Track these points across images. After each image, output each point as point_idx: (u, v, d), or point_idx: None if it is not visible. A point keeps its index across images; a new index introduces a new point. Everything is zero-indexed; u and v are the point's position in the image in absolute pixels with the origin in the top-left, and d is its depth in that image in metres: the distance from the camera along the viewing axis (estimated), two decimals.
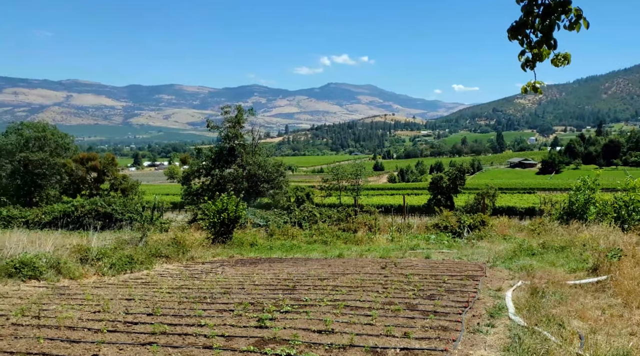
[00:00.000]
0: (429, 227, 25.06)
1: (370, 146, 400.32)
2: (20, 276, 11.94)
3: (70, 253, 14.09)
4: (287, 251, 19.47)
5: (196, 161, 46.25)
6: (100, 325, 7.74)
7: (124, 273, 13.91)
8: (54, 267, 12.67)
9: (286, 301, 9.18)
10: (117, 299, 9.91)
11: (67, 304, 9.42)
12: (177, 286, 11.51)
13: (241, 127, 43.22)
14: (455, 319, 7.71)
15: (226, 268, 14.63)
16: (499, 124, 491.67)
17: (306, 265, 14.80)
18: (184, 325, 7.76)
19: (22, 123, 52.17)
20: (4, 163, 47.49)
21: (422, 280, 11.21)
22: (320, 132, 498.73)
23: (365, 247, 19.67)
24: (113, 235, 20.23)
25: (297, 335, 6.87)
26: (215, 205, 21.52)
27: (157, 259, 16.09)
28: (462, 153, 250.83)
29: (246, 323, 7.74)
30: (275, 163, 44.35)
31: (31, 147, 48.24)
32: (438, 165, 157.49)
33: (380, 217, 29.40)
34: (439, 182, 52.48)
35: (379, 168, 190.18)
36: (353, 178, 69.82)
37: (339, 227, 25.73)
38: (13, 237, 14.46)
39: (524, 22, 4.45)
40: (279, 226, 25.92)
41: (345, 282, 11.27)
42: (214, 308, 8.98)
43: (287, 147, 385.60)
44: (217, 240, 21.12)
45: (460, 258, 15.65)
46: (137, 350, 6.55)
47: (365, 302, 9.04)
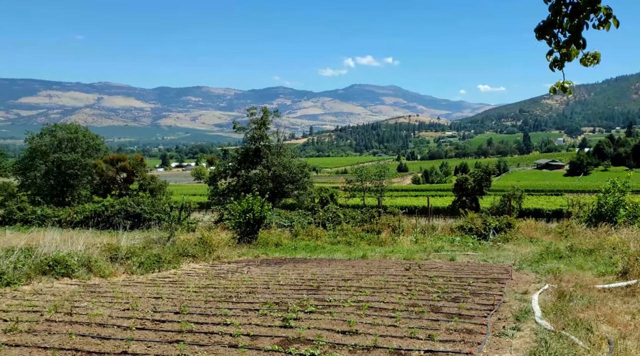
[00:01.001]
0: (454, 229, 24.83)
1: (394, 147, 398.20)
2: (53, 273, 12.30)
3: (101, 252, 14.44)
4: (311, 251, 19.55)
5: (222, 162, 46.82)
6: (129, 322, 7.92)
7: (152, 272, 14.17)
8: (85, 265, 13.01)
9: (310, 302, 9.25)
10: (145, 297, 10.11)
11: (98, 301, 9.65)
12: (203, 285, 11.69)
13: (266, 128, 43.59)
14: (480, 322, 7.67)
15: (251, 268, 14.79)
16: (526, 125, 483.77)
17: (330, 266, 14.85)
18: (210, 323, 7.88)
19: (55, 125, 53.51)
20: (39, 164, 48.76)
21: (447, 283, 11.15)
22: (344, 133, 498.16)
23: (389, 249, 19.62)
24: (142, 235, 20.59)
25: (321, 335, 6.92)
26: (240, 205, 21.76)
27: (184, 258, 16.34)
28: (488, 155, 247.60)
29: (271, 323, 7.83)
30: (299, 164, 44.55)
31: (64, 148, 49.43)
32: (463, 166, 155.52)
33: (404, 218, 29.23)
34: (463, 184, 51.86)
35: (402, 170, 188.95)
36: (377, 179, 69.54)
37: (362, 228, 25.70)
38: (47, 236, 14.88)
39: (551, 22, 4.42)
40: (303, 226, 26.02)
41: (369, 283, 11.28)
42: (239, 307, 9.09)
43: (312, 148, 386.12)
44: (243, 240, 21.34)
45: (486, 260, 15.51)
46: (164, 348, 6.67)
47: (389, 304, 9.04)
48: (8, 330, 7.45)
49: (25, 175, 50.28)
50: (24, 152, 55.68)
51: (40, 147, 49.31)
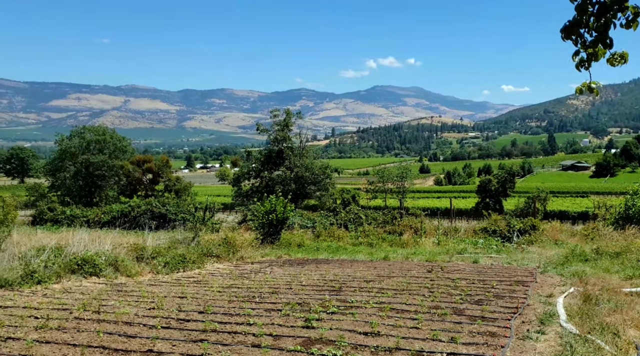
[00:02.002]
0: (477, 231, 24.61)
1: (416, 148, 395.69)
2: (82, 272, 12.60)
3: (127, 251, 14.73)
4: (333, 252, 19.60)
5: (246, 163, 47.31)
6: (154, 321, 8.05)
7: (177, 272, 14.40)
8: (112, 265, 13.29)
9: (332, 302, 9.28)
10: (170, 297, 10.27)
11: (124, 300, 9.85)
12: (227, 285, 11.82)
13: (289, 130, 43.92)
14: (504, 325, 7.60)
15: (274, 268, 14.89)
16: (551, 126, 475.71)
17: (352, 267, 14.87)
18: (233, 323, 7.97)
19: (84, 127, 54.65)
20: (68, 165, 49.82)
21: (470, 285, 11.07)
22: (366, 135, 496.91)
23: (411, 250, 19.54)
24: (167, 235, 20.91)
25: (343, 336, 6.94)
26: (264, 206, 21.95)
27: (209, 258, 16.55)
28: (512, 156, 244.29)
29: (293, 323, 7.87)
30: (321, 165, 44.73)
31: (92, 149, 50.44)
32: (486, 167, 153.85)
33: (426, 220, 29.08)
34: (487, 185, 51.28)
35: (425, 171, 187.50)
36: (398, 180, 69.17)
37: (384, 229, 25.64)
38: (76, 236, 15.23)
39: (577, 21, 4.37)
40: (325, 227, 26.09)
41: (391, 285, 11.27)
42: (262, 307, 9.17)
43: (334, 150, 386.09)
44: (266, 241, 21.52)
45: (510, 263, 15.35)
46: (189, 347, 6.75)
47: (411, 306, 9.02)
48: (39, 327, 7.65)
49: (55, 176, 51.41)
50: (54, 154, 56.99)
51: (69, 148, 50.40)
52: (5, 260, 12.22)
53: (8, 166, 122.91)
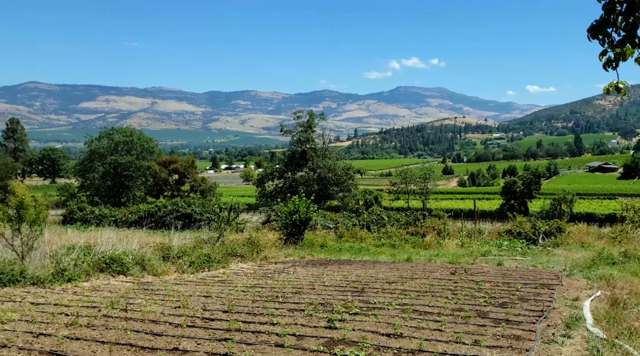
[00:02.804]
0: (502, 233, 24.37)
1: (439, 149, 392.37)
2: (110, 271, 12.88)
3: (154, 251, 15.00)
4: (355, 253, 19.61)
5: (270, 164, 47.80)
6: (180, 319, 8.17)
7: (202, 271, 14.60)
8: (139, 264, 13.56)
9: (355, 303, 9.31)
10: (195, 296, 10.41)
11: (151, 299, 10.03)
12: (251, 285, 11.94)
13: (312, 131, 44.14)
14: (528, 328, 7.53)
15: (297, 269, 14.98)
16: (577, 126, 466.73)
17: (374, 268, 14.87)
18: (257, 322, 8.04)
19: (112, 129, 55.69)
20: (97, 166, 50.80)
21: (494, 287, 10.98)
22: (389, 136, 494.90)
23: (434, 252, 19.45)
24: (192, 235, 21.21)
25: (365, 337, 6.94)
26: (287, 207, 22.10)
27: (233, 258, 16.74)
28: (537, 157, 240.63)
29: (316, 323, 7.91)
30: (344, 166, 44.82)
31: (120, 150, 51.32)
32: (511, 168, 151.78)
33: (450, 221, 28.89)
34: (512, 187, 50.67)
35: (448, 172, 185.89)
36: (421, 182, 68.87)
37: (407, 230, 25.57)
38: (104, 235, 15.60)
39: (605, 21, 4.32)
40: (347, 228, 26.12)
41: (414, 287, 11.24)
42: (285, 307, 9.24)
43: (356, 151, 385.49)
44: (289, 241, 21.66)
45: (535, 265, 15.16)
46: (213, 345, 6.84)
47: (434, 307, 8.99)
48: (70, 324, 7.85)
49: (84, 176, 52.46)
50: (83, 155, 58.24)
51: (98, 149, 51.40)
52: (37, 258, 12.57)
53: (40, 167, 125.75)
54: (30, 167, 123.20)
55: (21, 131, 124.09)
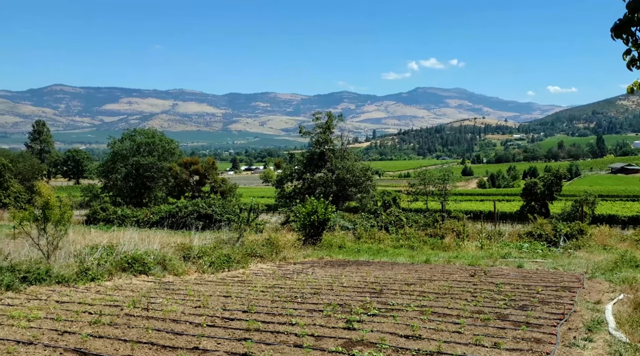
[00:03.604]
0: (522, 235, 24.15)
1: (458, 150, 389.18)
2: (132, 270, 13.09)
3: (175, 251, 15.19)
4: (374, 254, 19.60)
5: (289, 165, 47.99)
6: (200, 319, 8.28)
7: (222, 271, 14.74)
8: (160, 264, 13.75)
9: (373, 305, 9.33)
10: (215, 295, 10.53)
11: (172, 298, 10.17)
12: (270, 285, 12.03)
13: (331, 132, 44.27)
14: (549, 331, 7.47)
15: (316, 269, 15.04)
16: (599, 127, 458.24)
17: (393, 269, 14.85)
18: (276, 323, 8.12)
19: (134, 130, 56.37)
20: (119, 167, 51.51)
21: (514, 290, 10.90)
22: (407, 137, 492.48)
23: (453, 254, 19.34)
24: (212, 235, 21.40)
25: (384, 339, 6.96)
26: (305, 207, 22.19)
27: (252, 258, 16.87)
28: (559, 158, 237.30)
29: (335, 324, 7.95)
30: (362, 167, 44.82)
31: (142, 151, 51.94)
32: (532, 170, 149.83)
33: (469, 223, 28.67)
34: (532, 188, 50.05)
35: (467, 173, 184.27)
36: (440, 183, 68.33)
37: (425, 232, 25.46)
38: (126, 235, 15.85)
39: (629, 20, 4.29)
40: (366, 229, 26.10)
41: (433, 288, 11.22)
42: (304, 307, 9.30)
43: (374, 152, 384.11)
44: (308, 242, 21.74)
45: (556, 268, 15.00)
46: (233, 345, 6.92)
47: (453, 310, 8.97)
48: (93, 322, 8.02)
49: (107, 177, 53.21)
50: (106, 156, 59.06)
51: (121, 151, 52.10)
52: (62, 258, 12.83)
53: (65, 168, 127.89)
54: (55, 168, 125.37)
55: (47, 133, 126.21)
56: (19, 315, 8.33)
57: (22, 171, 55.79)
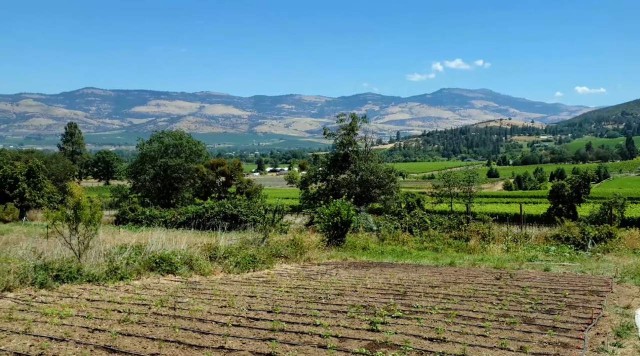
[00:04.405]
0: (549, 238, 23.79)
1: (484, 152, 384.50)
2: (159, 270, 13.35)
3: (201, 251, 15.43)
4: (397, 256, 19.55)
5: (313, 167, 48.11)
6: (226, 319, 8.40)
7: (247, 272, 14.91)
8: (187, 263, 13.98)
9: (397, 307, 9.32)
10: (241, 296, 10.66)
11: (198, 298, 10.33)
12: (294, 285, 12.12)
13: (355, 134, 44.24)
14: (577, 336, 7.37)
15: (340, 271, 15.08)
16: (629, 128, 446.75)
17: (417, 272, 14.80)
18: (300, 323, 8.18)
19: (162, 132, 57.30)
20: (148, 168, 52.40)
21: (540, 293, 10.77)
22: (432, 138, 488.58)
23: (478, 256, 19.16)
24: (238, 235, 21.65)
25: (408, 341, 6.95)
26: (329, 209, 22.26)
27: (277, 259, 17.01)
28: (587, 160, 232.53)
29: (358, 326, 7.97)
30: (386, 169, 44.66)
31: (170, 153, 52.75)
32: (559, 172, 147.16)
33: (495, 225, 28.35)
34: (560, 190, 49.17)
35: (493, 175, 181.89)
36: (465, 185, 67.49)
37: (450, 234, 25.27)
38: (154, 235, 16.16)
39: None
40: (389, 231, 26.04)
41: (457, 291, 11.15)
42: (328, 308, 9.35)
43: (398, 153, 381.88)
44: (332, 243, 21.82)
45: (584, 271, 14.75)
46: (258, 345, 6.99)
47: (478, 313, 8.91)
48: (122, 321, 8.21)
49: (136, 178, 54.17)
50: (135, 157, 60.01)
51: (149, 152, 53.01)
52: (92, 257, 13.17)
53: (95, 169, 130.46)
54: (86, 169, 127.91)
55: (78, 135, 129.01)
56: (52, 312, 8.59)
57: (55, 172, 57.18)
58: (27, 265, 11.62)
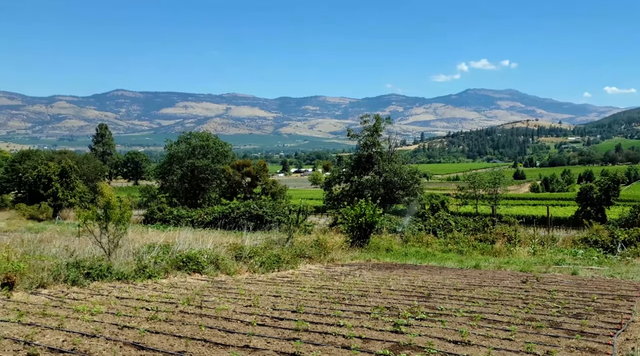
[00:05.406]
0: (577, 241, 23.40)
1: (510, 153, 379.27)
2: (186, 269, 13.59)
3: (227, 250, 15.63)
4: (421, 258, 19.47)
5: (337, 168, 48.21)
6: (251, 318, 8.48)
7: (272, 271, 15.07)
8: (213, 263, 14.20)
9: (421, 309, 9.30)
10: (265, 295, 10.77)
11: (224, 297, 10.48)
12: (318, 286, 12.19)
13: (379, 135, 44.15)
14: (605, 341, 7.25)
15: (363, 272, 15.10)
16: None
17: (441, 274, 14.73)
18: (324, 323, 8.21)
19: (190, 134, 58.14)
20: (176, 169, 53.26)
21: (568, 298, 10.62)
22: (457, 139, 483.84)
23: (503, 259, 18.96)
24: (263, 236, 21.88)
25: (432, 344, 6.91)
26: (353, 210, 22.31)
27: (301, 259, 17.14)
28: (616, 162, 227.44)
29: (382, 327, 7.97)
30: (410, 170, 44.42)
31: (197, 154, 53.52)
32: (587, 174, 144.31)
33: (521, 228, 27.97)
34: (588, 193, 48.22)
35: (519, 177, 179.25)
36: (491, 186, 66.72)
37: (475, 236, 25.04)
38: (181, 235, 16.45)
39: None
40: (413, 233, 25.95)
41: (482, 294, 11.06)
42: (351, 309, 9.38)
43: (422, 155, 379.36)
44: (355, 244, 21.85)
45: (613, 276, 14.47)
46: (282, 345, 7.04)
47: (503, 316, 8.83)
48: (150, 318, 8.37)
49: (164, 178, 55.11)
50: (163, 158, 61.12)
51: (177, 153, 53.88)
52: (121, 255, 13.48)
53: (125, 169, 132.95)
54: (116, 170, 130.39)
55: (109, 136, 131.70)
56: (83, 309, 8.82)
57: (86, 172, 58.48)
58: (60, 263, 11.95)
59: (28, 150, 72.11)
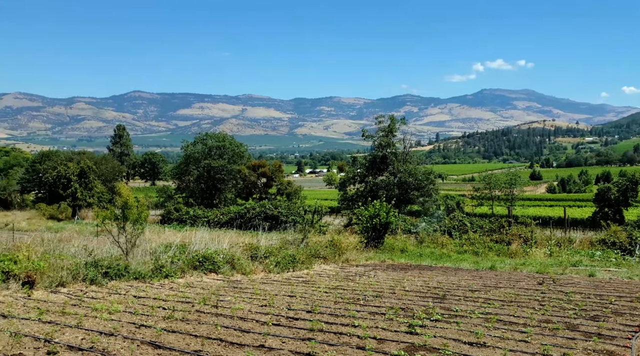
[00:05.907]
0: (594, 243, 23.11)
1: (526, 154, 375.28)
2: (202, 269, 13.72)
3: (243, 250, 15.75)
4: (436, 259, 19.40)
5: (352, 168, 48.17)
6: (266, 318, 8.54)
7: (287, 271, 15.15)
8: (229, 263, 14.31)
9: (436, 310, 9.28)
10: (281, 295, 10.83)
11: (239, 297, 10.56)
12: (333, 286, 12.23)
13: (393, 136, 44.00)
14: (623, 344, 7.18)
15: (378, 272, 15.10)
16: None
17: (456, 275, 14.67)
18: (339, 324, 8.23)
19: (206, 134, 58.51)
20: (192, 169, 53.69)
21: (585, 299, 10.51)
22: (472, 140, 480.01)
23: (519, 261, 18.81)
24: (278, 236, 21.96)
25: (447, 345, 6.89)
26: (368, 210, 22.30)
27: (316, 259, 17.19)
28: (635, 162, 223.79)
29: (397, 328, 7.97)
30: (425, 171, 44.21)
31: (213, 155, 53.85)
32: (605, 174, 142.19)
33: (537, 229, 27.69)
34: (606, 194, 47.52)
35: (536, 178, 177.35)
36: (507, 187, 66.20)
37: (490, 238, 24.85)
38: (197, 235, 16.60)
39: None
40: (428, 234, 25.84)
41: (498, 296, 11.00)
42: (366, 310, 9.40)
43: (438, 155, 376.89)
44: (370, 245, 21.84)
45: (631, 278, 14.30)
46: (297, 344, 7.08)
47: (519, 318, 8.78)
48: (167, 317, 8.47)
49: (181, 179, 55.55)
50: (180, 159, 61.55)
51: (193, 154, 54.28)
52: (139, 255, 13.65)
53: (142, 170, 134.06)
54: (133, 170, 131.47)
55: (126, 137, 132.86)
56: (102, 308, 8.96)
57: (104, 173, 59.10)
58: (79, 262, 12.14)
59: (48, 151, 73.11)
